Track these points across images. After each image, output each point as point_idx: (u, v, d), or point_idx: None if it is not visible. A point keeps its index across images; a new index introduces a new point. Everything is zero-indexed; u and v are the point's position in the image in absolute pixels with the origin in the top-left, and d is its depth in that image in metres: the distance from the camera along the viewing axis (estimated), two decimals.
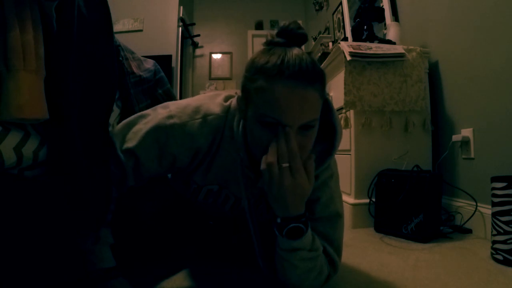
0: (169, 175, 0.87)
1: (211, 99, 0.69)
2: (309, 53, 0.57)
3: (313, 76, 0.52)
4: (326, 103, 0.64)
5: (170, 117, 0.64)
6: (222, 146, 0.66)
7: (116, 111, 1.06)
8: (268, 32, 0.59)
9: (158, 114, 0.66)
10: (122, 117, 1.08)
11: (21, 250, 0.51)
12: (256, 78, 0.54)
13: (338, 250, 0.69)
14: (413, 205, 1.17)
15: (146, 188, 0.77)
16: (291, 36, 0.57)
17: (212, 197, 0.74)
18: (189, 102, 0.68)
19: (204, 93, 0.73)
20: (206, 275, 0.81)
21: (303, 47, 0.60)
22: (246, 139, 0.62)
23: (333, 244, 0.67)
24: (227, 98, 0.70)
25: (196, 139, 0.64)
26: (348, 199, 1.42)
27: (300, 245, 0.59)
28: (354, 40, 1.75)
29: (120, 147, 0.64)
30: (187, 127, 0.64)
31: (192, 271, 0.83)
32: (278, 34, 0.58)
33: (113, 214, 0.66)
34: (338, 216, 0.69)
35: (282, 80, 0.51)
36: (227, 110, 0.67)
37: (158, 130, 0.64)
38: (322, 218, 0.67)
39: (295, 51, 0.54)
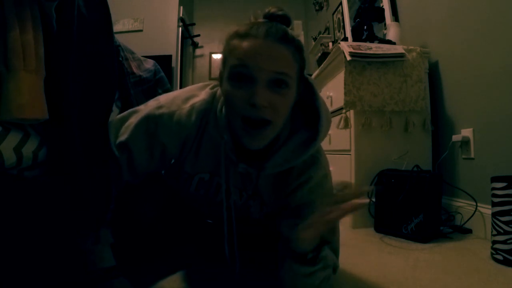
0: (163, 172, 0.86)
1: (200, 89, 0.70)
2: (290, 29, 0.58)
3: (284, 38, 0.55)
4: (310, 87, 0.64)
5: (159, 107, 0.65)
6: (207, 131, 0.66)
7: (115, 111, 1.06)
8: (252, 15, 0.61)
9: (148, 106, 0.67)
10: None
11: (21, 250, 0.51)
12: (230, 40, 0.57)
13: (337, 251, 0.68)
14: (413, 205, 1.17)
15: (146, 189, 0.77)
16: (272, 17, 0.59)
17: (204, 188, 0.72)
18: (179, 93, 0.69)
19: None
20: (206, 275, 0.81)
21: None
22: (230, 122, 0.62)
23: (331, 246, 0.66)
24: (214, 86, 0.71)
25: (184, 127, 0.64)
26: None
27: (319, 267, 0.59)
28: (354, 40, 1.75)
29: (114, 142, 0.64)
30: (176, 115, 0.64)
31: (192, 271, 0.83)
32: (264, 16, 0.60)
33: (113, 214, 0.66)
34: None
35: (251, 37, 0.54)
36: (213, 95, 0.68)
37: (148, 120, 0.64)
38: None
39: (272, 23, 0.57)
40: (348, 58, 1.37)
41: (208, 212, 0.83)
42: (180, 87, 3.44)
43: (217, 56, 4.46)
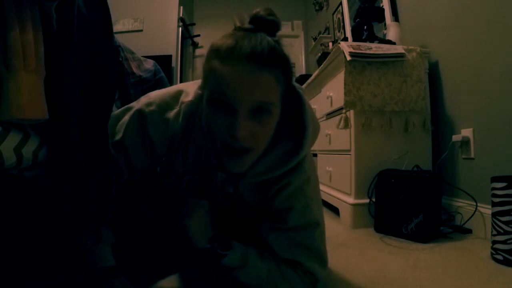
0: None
1: (189, 87, 0.69)
2: (277, 41, 0.55)
3: (268, 60, 0.50)
4: (298, 97, 0.62)
5: (149, 104, 0.65)
6: (193, 134, 0.65)
7: (115, 111, 1.06)
8: (237, 18, 0.56)
9: (139, 103, 0.67)
10: None
11: (22, 250, 0.51)
12: (211, 59, 0.53)
13: (320, 258, 0.66)
14: (413, 205, 1.17)
15: (144, 190, 0.77)
16: (260, 22, 0.55)
17: (193, 188, 0.72)
18: (169, 90, 0.68)
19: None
20: (206, 274, 0.81)
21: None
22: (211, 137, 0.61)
23: (312, 252, 0.64)
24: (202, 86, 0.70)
25: (171, 126, 0.64)
26: (348, 199, 1.42)
27: (230, 262, 0.63)
28: (354, 40, 1.75)
29: (111, 141, 0.64)
30: (165, 114, 0.64)
31: (191, 270, 0.83)
32: (250, 21, 0.56)
33: (112, 214, 0.66)
34: (316, 225, 0.65)
35: (232, 61, 0.50)
36: (200, 97, 0.65)
37: (138, 117, 0.65)
38: (298, 228, 0.64)
39: (258, 36, 0.52)
40: (348, 58, 1.37)
41: None
42: None
43: None
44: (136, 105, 0.67)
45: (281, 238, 0.65)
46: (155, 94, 0.68)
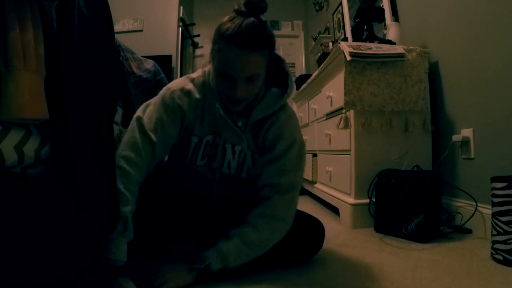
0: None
1: (192, 74, 0.90)
2: (264, 22, 0.75)
3: (258, 44, 0.72)
4: (278, 58, 0.87)
5: (169, 88, 0.85)
6: (207, 96, 0.86)
7: (119, 111, 1.06)
8: (235, 2, 0.75)
9: (160, 94, 0.85)
10: (125, 117, 1.09)
11: (24, 248, 0.51)
12: (218, 41, 0.74)
13: (291, 178, 0.82)
14: (413, 205, 1.17)
15: (145, 188, 0.78)
16: (253, 7, 0.73)
17: (207, 153, 0.87)
18: (178, 79, 0.89)
19: None
20: None
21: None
22: (218, 93, 0.82)
23: (287, 174, 0.81)
24: (205, 66, 0.92)
25: (193, 95, 0.85)
26: (348, 199, 1.42)
27: (216, 266, 0.76)
28: (354, 40, 1.75)
29: (148, 128, 0.78)
30: (185, 89, 0.85)
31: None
32: (244, 5, 0.73)
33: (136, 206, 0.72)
34: (294, 143, 0.84)
35: (233, 46, 0.71)
36: (204, 72, 0.89)
37: (164, 100, 0.82)
38: (282, 152, 0.83)
39: (250, 21, 0.72)
40: (348, 58, 1.37)
41: (205, 190, 0.90)
42: None
43: None
44: (157, 96, 0.83)
45: (268, 167, 0.83)
46: (170, 83, 0.87)
